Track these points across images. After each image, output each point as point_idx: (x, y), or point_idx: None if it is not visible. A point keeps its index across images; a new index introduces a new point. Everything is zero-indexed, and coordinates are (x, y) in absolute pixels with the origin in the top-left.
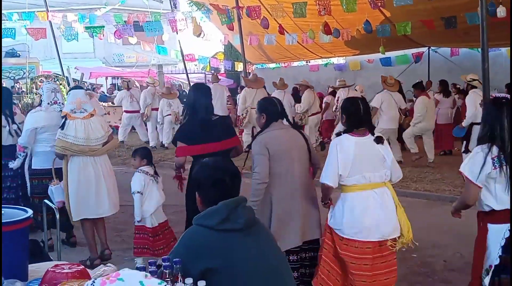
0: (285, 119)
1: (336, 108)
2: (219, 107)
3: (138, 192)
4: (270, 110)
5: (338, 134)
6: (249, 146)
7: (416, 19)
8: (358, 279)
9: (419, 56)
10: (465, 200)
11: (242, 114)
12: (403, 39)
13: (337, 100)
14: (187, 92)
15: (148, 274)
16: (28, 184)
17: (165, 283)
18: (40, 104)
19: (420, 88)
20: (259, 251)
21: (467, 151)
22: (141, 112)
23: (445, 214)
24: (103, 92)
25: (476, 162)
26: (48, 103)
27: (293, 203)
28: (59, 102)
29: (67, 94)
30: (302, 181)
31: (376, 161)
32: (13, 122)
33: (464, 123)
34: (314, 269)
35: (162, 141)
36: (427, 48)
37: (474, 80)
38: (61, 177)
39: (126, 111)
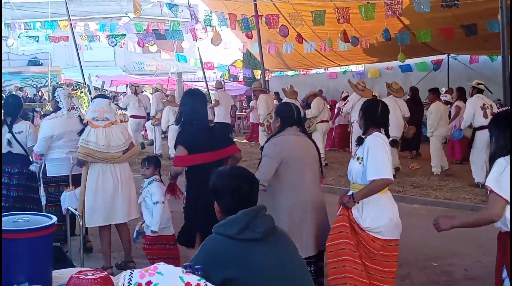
0: (300, 127)
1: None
2: (224, 115)
3: (162, 202)
4: (286, 115)
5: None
6: (262, 148)
7: (435, 27)
8: (387, 276)
9: (439, 63)
10: (491, 216)
11: (269, 121)
12: (422, 47)
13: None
14: (182, 97)
15: (184, 270)
16: (43, 193)
17: (204, 280)
18: (55, 111)
19: (435, 93)
20: (278, 260)
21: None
22: (151, 115)
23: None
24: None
25: (504, 174)
26: (68, 109)
27: (304, 212)
28: (76, 107)
29: (91, 101)
30: (313, 190)
31: None
32: (9, 131)
33: (462, 126)
34: (319, 280)
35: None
36: (446, 55)
37: (480, 84)
38: (78, 184)
39: (133, 116)
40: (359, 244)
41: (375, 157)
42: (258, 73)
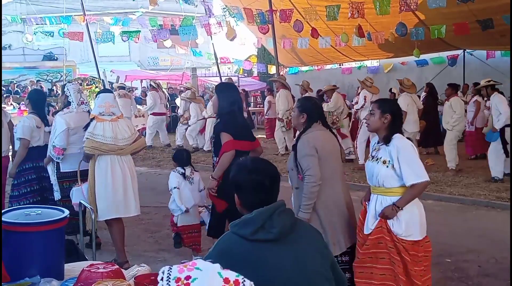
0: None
1: (361, 106)
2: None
3: (175, 187)
4: (312, 110)
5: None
6: (293, 147)
7: (451, 22)
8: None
9: (454, 59)
10: None
11: (288, 117)
12: (437, 42)
13: (365, 99)
14: (217, 91)
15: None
16: (57, 188)
17: (242, 276)
18: (66, 106)
19: (454, 88)
20: (294, 261)
21: (508, 154)
22: (180, 114)
23: (480, 218)
24: (136, 95)
25: None
26: (78, 104)
27: (339, 207)
28: (86, 102)
29: (96, 97)
30: (344, 185)
31: None
32: (47, 125)
33: (498, 126)
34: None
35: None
36: (462, 50)
37: (489, 81)
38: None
39: (155, 114)
40: (401, 253)
41: (410, 161)
42: (272, 68)
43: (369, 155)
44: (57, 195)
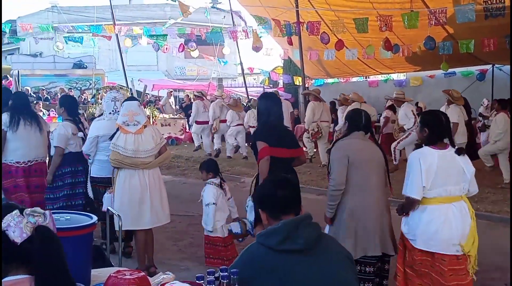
0: (369, 133)
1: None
2: (286, 121)
3: (213, 203)
4: (353, 119)
5: (418, 146)
6: (328, 151)
7: (480, 36)
8: None
9: (483, 73)
10: None
11: (314, 129)
12: (466, 56)
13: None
14: (258, 100)
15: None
16: (90, 190)
17: None
18: (102, 113)
19: (503, 105)
20: (320, 272)
21: None
22: (210, 123)
23: (507, 236)
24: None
25: None
26: (110, 113)
27: (367, 214)
28: (118, 111)
29: (121, 105)
30: (379, 193)
31: (457, 174)
32: (81, 131)
33: None
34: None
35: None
36: (491, 65)
37: None
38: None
39: (198, 122)
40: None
41: (407, 174)
42: (298, 80)
43: None
44: (91, 195)
